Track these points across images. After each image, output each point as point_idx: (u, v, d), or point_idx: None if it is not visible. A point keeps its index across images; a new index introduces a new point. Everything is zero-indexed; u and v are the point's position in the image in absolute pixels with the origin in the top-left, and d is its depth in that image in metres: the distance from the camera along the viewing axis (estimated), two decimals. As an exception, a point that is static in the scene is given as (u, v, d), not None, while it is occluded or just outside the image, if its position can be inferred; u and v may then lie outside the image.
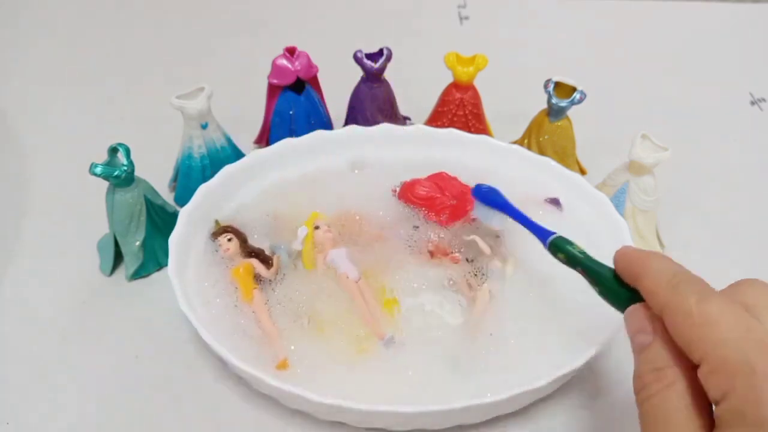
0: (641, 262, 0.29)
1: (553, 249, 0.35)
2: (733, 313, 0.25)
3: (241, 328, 0.39)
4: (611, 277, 0.31)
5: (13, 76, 0.67)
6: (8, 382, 0.40)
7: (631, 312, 0.29)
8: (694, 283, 0.27)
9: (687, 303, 0.25)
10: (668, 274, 0.27)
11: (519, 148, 0.49)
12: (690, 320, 0.25)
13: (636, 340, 0.28)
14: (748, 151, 0.59)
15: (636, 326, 0.28)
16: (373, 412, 0.33)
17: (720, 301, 0.25)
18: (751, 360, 0.23)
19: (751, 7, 0.80)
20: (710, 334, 0.24)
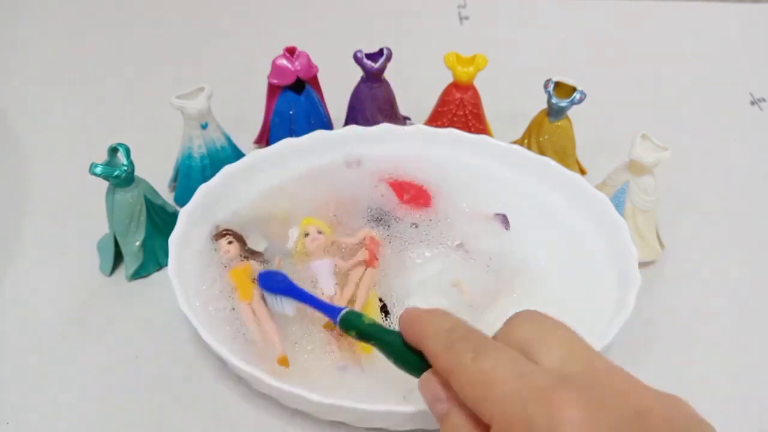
0: (421, 323, 0.28)
1: (344, 326, 0.34)
2: (507, 363, 0.24)
3: (240, 329, 0.39)
4: (402, 345, 0.29)
5: (13, 76, 0.67)
6: (8, 382, 0.40)
7: (423, 381, 0.28)
8: (469, 338, 0.26)
9: (464, 362, 0.25)
10: (445, 333, 0.27)
11: (519, 148, 0.49)
12: (470, 381, 0.25)
13: (434, 410, 0.27)
14: (748, 151, 0.59)
15: (431, 396, 0.27)
16: (373, 412, 0.33)
17: (494, 354, 0.25)
18: (529, 414, 0.23)
19: (751, 7, 0.80)
20: (490, 392, 0.24)
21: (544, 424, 0.22)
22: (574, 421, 0.22)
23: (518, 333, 0.26)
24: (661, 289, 0.46)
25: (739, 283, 0.47)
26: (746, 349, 0.43)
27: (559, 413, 0.22)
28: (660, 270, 0.47)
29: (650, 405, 0.23)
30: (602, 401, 0.23)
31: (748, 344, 0.43)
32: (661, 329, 0.43)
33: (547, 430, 0.22)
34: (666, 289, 0.46)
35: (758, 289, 0.47)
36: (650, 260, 0.47)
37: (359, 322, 0.33)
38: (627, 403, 0.23)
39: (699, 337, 0.43)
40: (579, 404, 0.22)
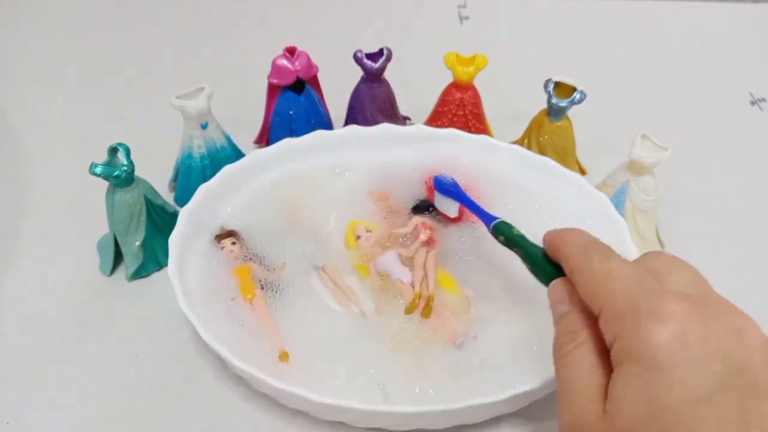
0: (562, 236, 0.31)
1: (495, 232, 0.38)
2: (629, 268, 0.27)
3: (241, 328, 0.39)
4: (541, 255, 0.33)
5: (13, 76, 0.67)
6: (8, 382, 0.40)
7: (553, 285, 0.31)
8: (600, 247, 0.29)
9: (591, 262, 0.28)
10: (581, 242, 0.30)
11: (519, 148, 0.49)
12: (592, 276, 0.28)
13: (556, 309, 0.30)
14: (748, 151, 0.59)
15: (556, 297, 0.30)
16: (373, 412, 0.33)
17: (619, 260, 0.28)
18: (637, 305, 0.25)
19: (751, 7, 0.80)
20: (607, 286, 0.26)
21: (648, 311, 0.24)
22: (676, 313, 0.24)
23: (650, 262, 0.28)
24: (661, 289, 0.46)
25: (739, 283, 0.47)
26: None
27: (665, 306, 0.24)
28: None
29: (751, 330, 0.25)
30: (708, 311, 0.25)
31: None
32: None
33: (650, 317, 0.24)
34: (666, 289, 0.46)
35: (758, 289, 0.47)
36: (650, 260, 0.47)
37: (509, 230, 0.37)
38: (731, 321, 0.25)
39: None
40: (685, 304, 0.24)
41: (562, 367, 0.28)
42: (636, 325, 0.24)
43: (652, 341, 0.23)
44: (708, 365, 0.23)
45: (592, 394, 0.25)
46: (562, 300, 0.29)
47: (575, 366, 0.27)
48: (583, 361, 0.26)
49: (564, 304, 0.29)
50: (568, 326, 0.28)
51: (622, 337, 0.25)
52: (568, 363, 0.27)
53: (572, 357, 0.27)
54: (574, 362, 0.27)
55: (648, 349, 0.23)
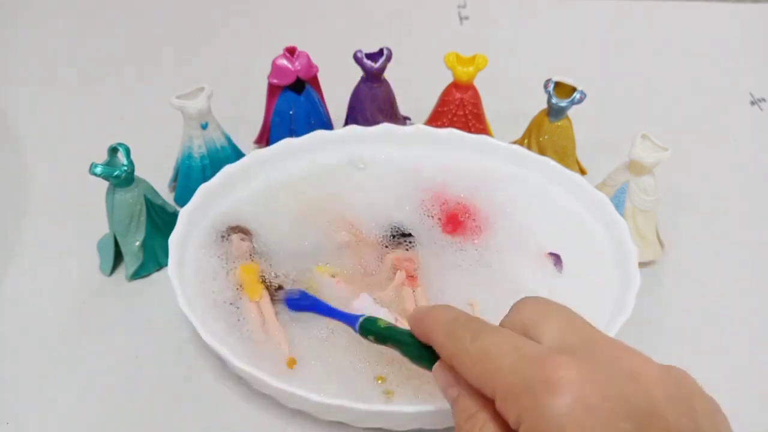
0: (428, 317, 0.30)
1: (363, 333, 0.35)
2: (503, 339, 0.26)
3: (242, 328, 0.39)
4: (415, 342, 0.31)
5: (13, 76, 0.67)
6: (8, 382, 0.40)
7: (435, 370, 0.29)
8: (468, 324, 0.28)
9: (463, 345, 0.27)
10: (447, 323, 0.28)
11: (519, 148, 0.49)
12: (470, 360, 0.26)
13: (447, 395, 0.28)
14: (748, 151, 0.59)
15: (443, 382, 0.29)
16: (373, 412, 0.34)
17: (491, 334, 0.26)
18: (527, 379, 0.24)
19: (751, 7, 0.80)
20: (489, 366, 0.25)
21: (541, 385, 0.23)
22: (568, 378, 0.23)
23: (520, 316, 0.28)
24: (661, 289, 0.46)
25: (739, 283, 0.47)
26: (747, 349, 0.43)
27: (555, 373, 0.23)
28: (660, 270, 0.47)
29: (646, 368, 0.24)
30: (597, 363, 0.24)
31: (749, 344, 0.43)
32: (661, 329, 0.43)
33: (545, 391, 0.23)
34: (666, 289, 0.46)
35: (758, 289, 0.47)
36: (650, 260, 0.47)
37: (376, 326, 0.34)
38: (622, 365, 0.24)
39: (699, 337, 0.43)
40: (573, 365, 0.23)
41: None
42: (534, 403, 0.23)
43: (554, 416, 0.22)
44: (617, 425, 0.22)
45: None
46: (449, 383, 0.28)
47: None
48: None
49: (453, 387, 0.28)
50: (464, 411, 0.27)
51: (525, 417, 0.23)
52: None
53: None
54: None
55: (553, 425, 0.22)
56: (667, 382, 0.24)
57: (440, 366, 0.29)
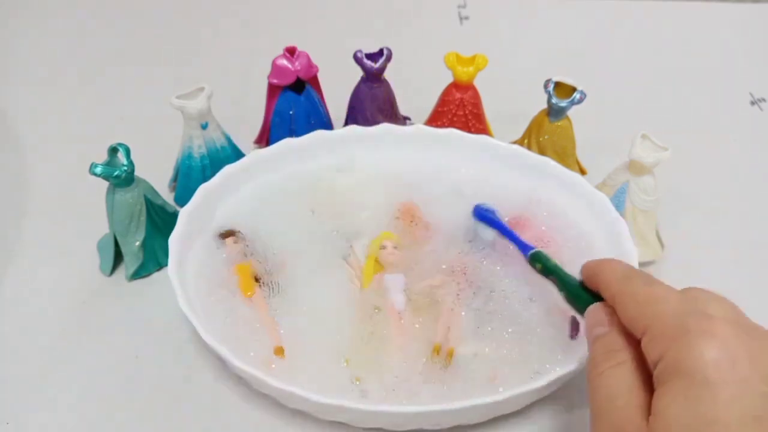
0: (602, 264, 0.32)
1: (532, 260, 0.39)
2: (674, 293, 0.28)
3: (241, 328, 0.39)
4: (577, 284, 0.34)
5: (13, 76, 0.67)
6: (8, 382, 0.40)
7: (591, 309, 0.31)
8: (643, 274, 0.30)
9: (635, 286, 0.29)
10: (622, 270, 0.31)
11: (519, 148, 0.49)
12: (636, 300, 0.28)
13: (593, 332, 0.30)
14: (748, 151, 0.59)
15: (594, 320, 0.31)
16: (373, 412, 0.34)
17: (664, 285, 0.29)
18: (686, 324, 0.25)
19: (751, 7, 0.80)
20: (655, 308, 0.27)
21: (697, 331, 0.25)
22: (724, 335, 0.24)
23: (689, 292, 0.29)
24: (661, 289, 0.46)
25: (739, 283, 0.47)
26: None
27: (714, 327, 0.25)
28: (660, 270, 0.47)
29: None
30: (754, 337, 0.25)
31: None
32: (661, 329, 0.43)
33: (701, 336, 0.24)
34: (666, 289, 0.46)
35: (758, 289, 0.47)
36: (650, 260, 0.47)
37: (546, 260, 0.38)
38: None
39: (699, 337, 0.43)
40: (732, 329, 0.25)
41: (598, 384, 0.28)
42: (685, 343, 0.24)
43: (702, 358, 0.24)
44: (757, 386, 0.23)
45: (633, 413, 0.25)
46: (601, 323, 0.30)
47: (614, 384, 0.27)
48: (624, 380, 0.27)
49: (602, 326, 0.30)
50: (607, 345, 0.28)
51: (669, 354, 0.25)
52: (605, 380, 0.27)
53: (611, 375, 0.27)
54: (613, 380, 0.27)
55: (697, 365, 0.24)
56: None
57: (597, 306, 0.31)
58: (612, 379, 0.27)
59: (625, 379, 0.27)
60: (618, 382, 0.27)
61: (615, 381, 0.27)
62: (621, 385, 0.26)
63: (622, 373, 0.27)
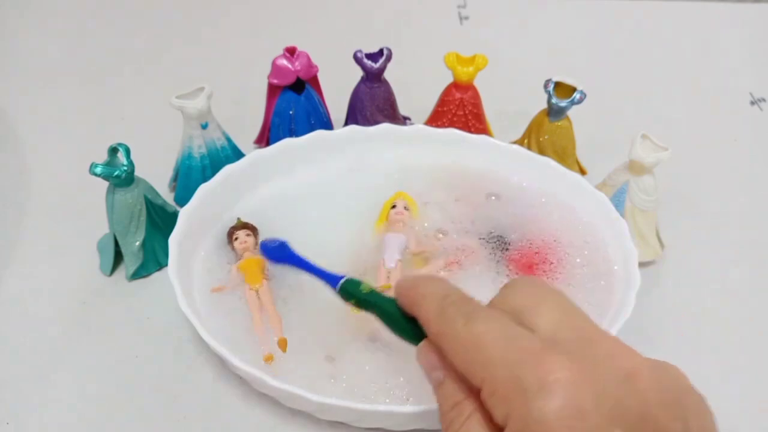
0: (416, 289, 0.28)
1: (344, 294, 0.33)
2: (498, 327, 0.24)
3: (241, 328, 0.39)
4: (400, 313, 0.29)
5: (13, 76, 0.67)
6: (8, 382, 0.40)
7: (420, 349, 0.28)
8: (461, 304, 0.26)
9: (455, 328, 0.25)
10: (437, 299, 0.27)
11: (519, 148, 0.49)
12: (460, 345, 0.25)
13: (431, 378, 0.27)
14: (748, 151, 0.59)
15: (427, 364, 0.27)
16: (373, 412, 0.34)
17: (485, 319, 0.25)
18: (519, 379, 0.23)
19: (751, 7, 0.80)
20: (479, 355, 0.24)
21: (533, 385, 0.22)
22: (562, 381, 0.22)
23: (513, 299, 0.26)
24: (661, 289, 0.46)
25: (739, 283, 0.47)
26: (746, 349, 0.43)
27: (548, 374, 0.22)
28: (660, 270, 0.47)
29: (640, 368, 0.23)
30: (592, 363, 0.23)
31: (749, 344, 0.43)
32: (661, 329, 0.43)
33: (537, 391, 0.22)
34: (666, 289, 0.46)
35: (758, 289, 0.47)
36: (650, 260, 0.47)
37: (357, 291, 0.32)
38: (617, 365, 0.23)
39: (699, 337, 0.43)
40: (567, 365, 0.22)
41: None
42: (524, 404, 0.22)
43: (545, 420, 0.21)
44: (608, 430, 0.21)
45: None
46: (434, 366, 0.27)
47: None
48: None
49: (437, 370, 0.27)
50: (450, 398, 0.26)
51: (514, 418, 0.22)
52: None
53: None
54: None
55: (545, 428, 0.21)
56: (660, 382, 0.23)
57: (426, 346, 0.27)
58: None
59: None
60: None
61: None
62: None
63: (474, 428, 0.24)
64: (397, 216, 0.45)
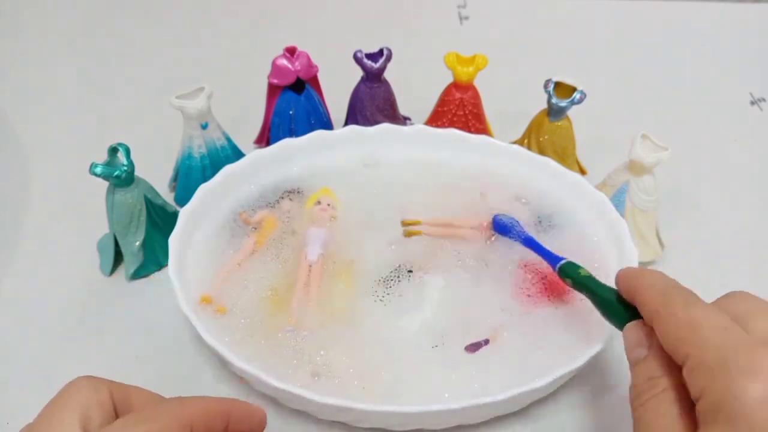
0: (638, 278, 0.31)
1: (561, 274, 0.37)
2: (715, 316, 0.26)
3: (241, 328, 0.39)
4: (613, 298, 0.33)
5: (14, 76, 0.67)
6: (8, 382, 0.40)
7: (628, 328, 0.30)
8: (683, 292, 0.28)
9: (674, 308, 0.27)
10: (661, 286, 0.29)
11: (519, 148, 0.49)
12: (676, 324, 0.27)
13: (633, 354, 0.29)
14: (748, 151, 0.59)
15: (633, 341, 0.29)
16: (373, 412, 0.33)
17: (704, 307, 0.27)
18: (727, 358, 0.24)
19: (751, 7, 0.80)
20: (692, 335, 0.26)
21: (741, 365, 0.23)
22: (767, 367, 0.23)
23: (733, 304, 0.28)
24: (661, 289, 0.46)
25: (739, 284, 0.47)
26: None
27: (758, 361, 0.23)
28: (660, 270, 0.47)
29: None
30: None
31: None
32: (661, 329, 0.43)
33: (744, 372, 0.23)
34: (666, 289, 0.46)
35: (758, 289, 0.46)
36: (650, 260, 0.47)
37: (576, 273, 0.36)
38: None
39: (699, 337, 0.43)
40: None
41: (641, 414, 0.27)
42: (727, 381, 0.23)
43: (745, 400, 0.22)
44: None
45: None
46: (640, 344, 0.29)
47: (657, 416, 0.26)
48: (666, 412, 0.26)
49: (642, 348, 0.29)
50: (647, 372, 0.28)
51: (711, 392, 0.24)
52: (648, 411, 0.26)
53: (653, 405, 0.26)
54: (655, 411, 0.26)
55: (741, 407, 0.22)
56: None
57: (636, 325, 0.30)
58: (654, 409, 0.26)
59: (667, 410, 0.26)
60: (660, 413, 0.26)
61: (657, 412, 0.26)
62: (663, 417, 0.26)
63: (664, 403, 0.26)
64: (319, 213, 0.45)
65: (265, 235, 0.44)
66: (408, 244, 0.44)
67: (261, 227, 0.45)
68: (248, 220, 0.45)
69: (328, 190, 0.47)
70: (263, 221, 0.45)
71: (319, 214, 0.45)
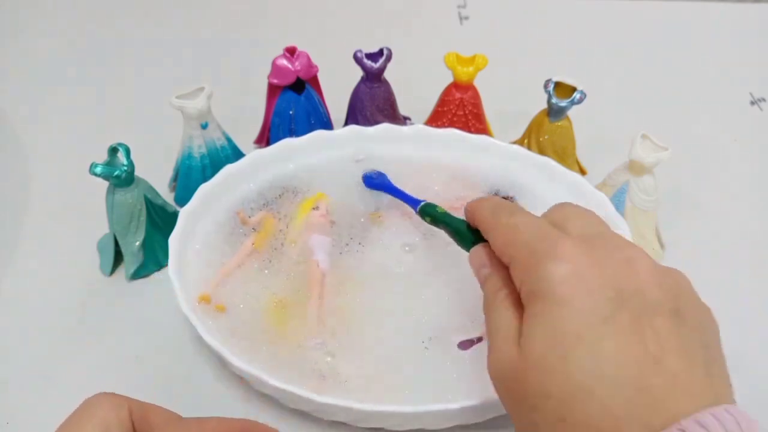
0: (477, 203, 0.34)
1: (422, 214, 0.41)
2: (533, 220, 0.30)
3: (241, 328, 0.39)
4: (464, 227, 0.36)
5: (13, 76, 0.67)
6: (8, 382, 0.40)
7: (473, 251, 0.33)
8: (508, 206, 0.32)
9: (499, 219, 0.31)
10: (492, 205, 0.33)
11: (519, 148, 0.49)
12: (500, 231, 0.30)
13: (479, 274, 0.32)
14: (748, 151, 0.59)
15: (478, 262, 0.32)
16: (373, 412, 0.34)
17: (525, 215, 0.31)
18: (536, 250, 0.27)
19: (751, 7, 0.80)
20: (514, 238, 0.29)
21: (547, 254, 0.26)
22: (571, 253, 0.26)
23: (553, 213, 0.31)
24: (661, 289, 0.46)
25: (739, 284, 0.47)
26: (746, 349, 0.43)
27: (560, 247, 0.27)
28: (660, 270, 0.47)
29: (639, 256, 0.27)
30: (601, 248, 0.27)
31: (748, 344, 0.43)
32: (661, 329, 0.43)
33: (547, 257, 0.26)
34: (666, 289, 0.46)
35: (758, 288, 0.47)
36: (650, 260, 0.47)
37: (434, 210, 0.40)
38: (620, 252, 0.27)
39: (699, 337, 0.43)
40: (579, 245, 0.27)
41: (488, 321, 0.30)
42: (536, 268, 0.26)
43: (551, 279, 0.26)
44: (603, 293, 0.25)
45: (511, 337, 0.27)
46: (483, 264, 0.32)
47: (497, 317, 0.29)
48: (504, 311, 0.29)
49: (485, 267, 0.31)
50: (493, 287, 0.30)
51: (527, 281, 0.27)
52: (491, 316, 0.29)
53: (495, 309, 0.29)
54: (496, 314, 0.29)
55: (549, 286, 0.26)
56: (661, 273, 0.26)
57: (478, 247, 0.33)
58: (495, 312, 0.29)
59: (504, 310, 0.28)
60: (499, 314, 0.29)
61: (497, 314, 0.29)
62: (502, 316, 0.28)
63: (502, 305, 0.29)
64: (318, 219, 0.45)
65: (264, 235, 0.44)
66: (408, 244, 0.44)
67: (260, 228, 0.45)
68: (246, 220, 0.45)
69: (325, 195, 0.47)
70: (262, 222, 0.45)
71: (318, 220, 0.45)
